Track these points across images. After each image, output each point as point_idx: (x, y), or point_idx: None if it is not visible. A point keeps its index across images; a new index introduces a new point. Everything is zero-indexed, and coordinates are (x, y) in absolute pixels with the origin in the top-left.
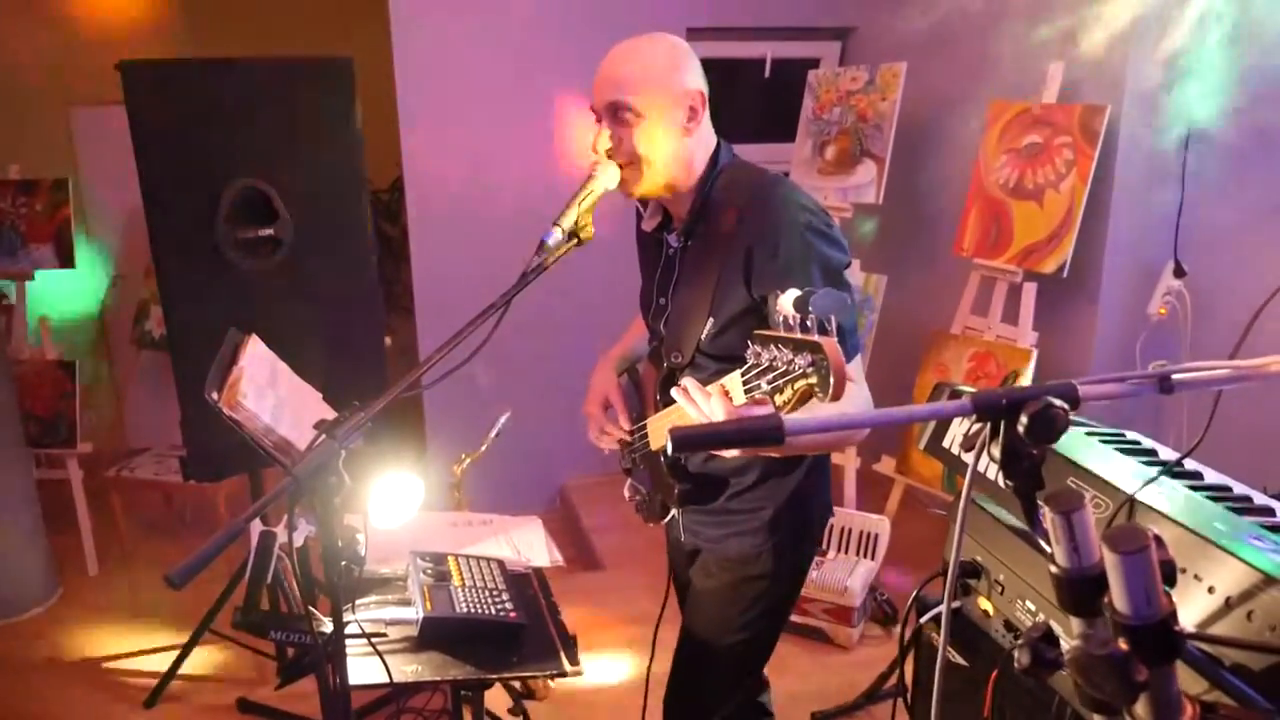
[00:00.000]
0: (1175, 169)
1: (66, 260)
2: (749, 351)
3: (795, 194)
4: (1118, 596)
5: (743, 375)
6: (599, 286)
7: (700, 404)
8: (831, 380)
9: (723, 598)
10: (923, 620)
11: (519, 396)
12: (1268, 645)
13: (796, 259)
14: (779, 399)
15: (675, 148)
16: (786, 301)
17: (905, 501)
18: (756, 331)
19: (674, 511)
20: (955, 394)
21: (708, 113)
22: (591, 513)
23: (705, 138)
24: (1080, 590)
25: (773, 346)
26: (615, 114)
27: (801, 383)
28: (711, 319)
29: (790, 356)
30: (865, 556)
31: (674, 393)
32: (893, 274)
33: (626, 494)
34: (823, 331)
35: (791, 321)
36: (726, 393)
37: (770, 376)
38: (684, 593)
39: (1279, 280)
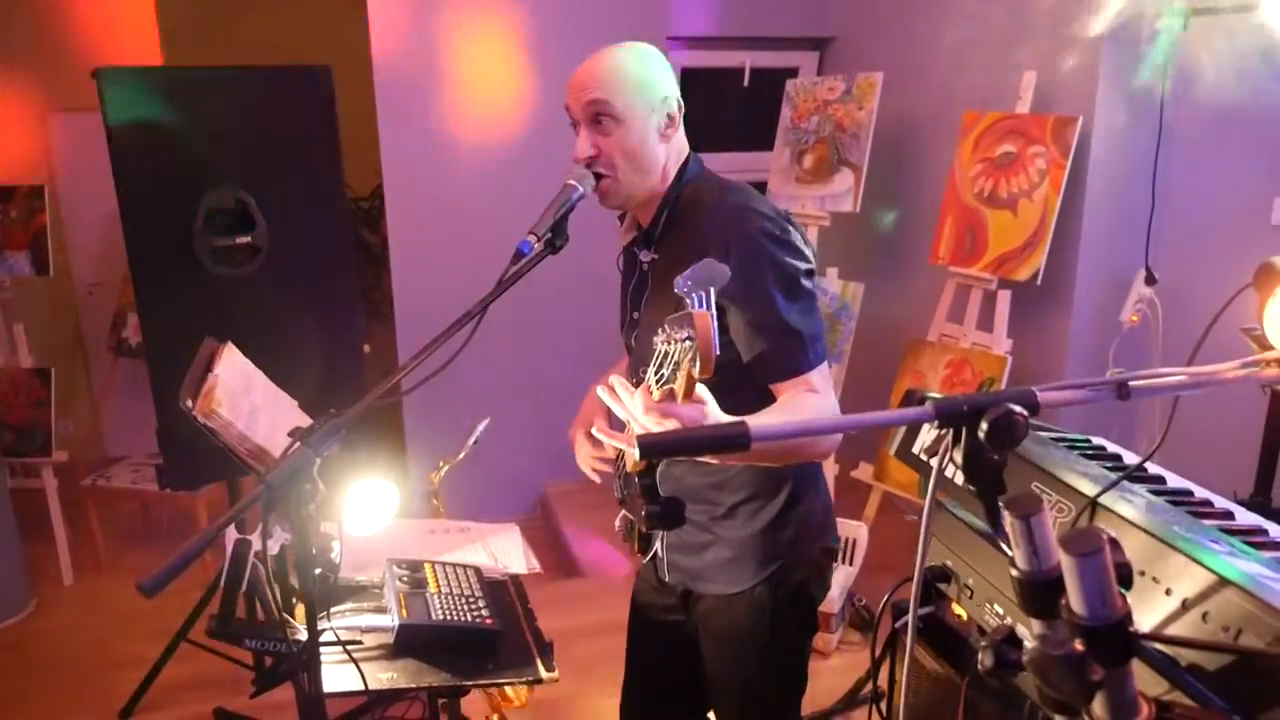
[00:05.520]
0: (1146, 178)
1: (42, 268)
2: (655, 339)
3: (751, 200)
4: (1074, 598)
5: (654, 367)
6: (577, 294)
7: (625, 402)
8: (698, 356)
9: (730, 643)
10: (896, 625)
11: (498, 403)
12: (1221, 645)
13: (750, 265)
14: (675, 386)
15: (651, 154)
16: (680, 279)
17: (883, 508)
18: (668, 317)
19: (657, 547)
20: (922, 400)
21: (682, 125)
22: (570, 520)
23: (679, 149)
24: (1039, 592)
25: (665, 329)
26: (594, 118)
27: (685, 363)
28: None
29: (679, 334)
30: (844, 562)
31: (599, 391)
32: (870, 282)
33: (617, 524)
34: (705, 304)
35: (686, 300)
36: (648, 389)
37: (668, 363)
38: (657, 642)
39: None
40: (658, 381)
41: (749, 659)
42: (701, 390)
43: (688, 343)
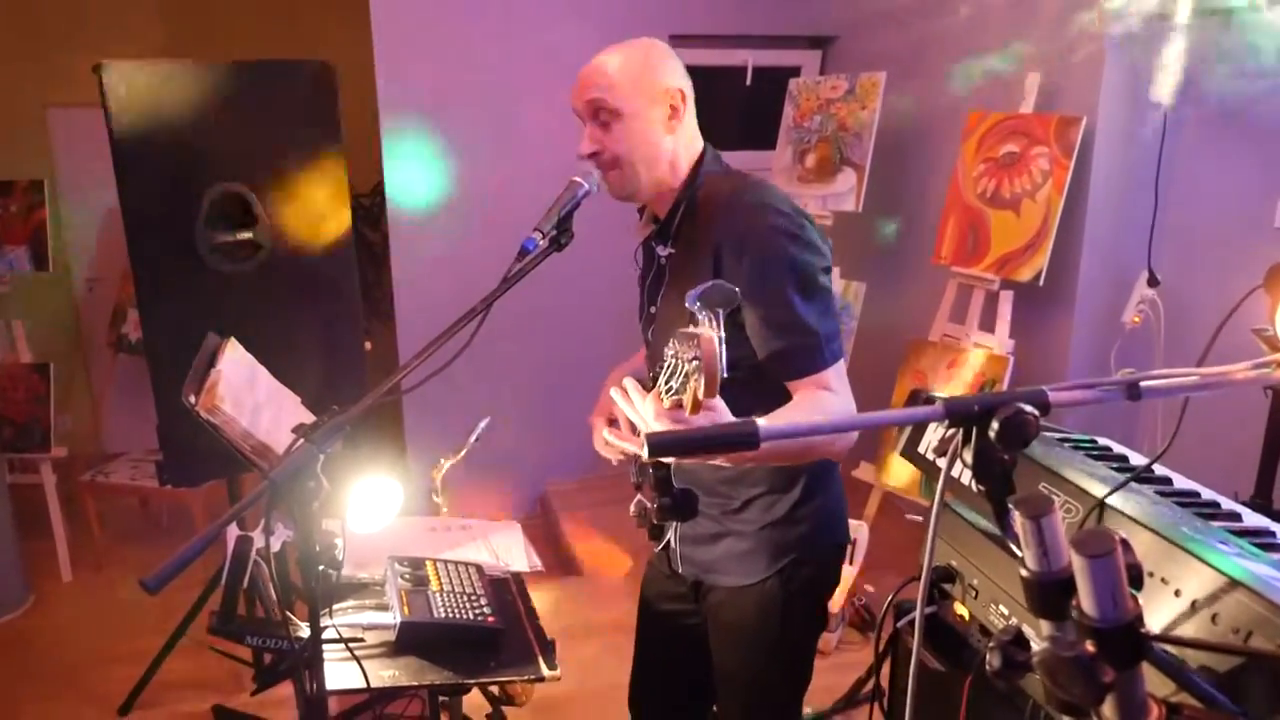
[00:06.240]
0: (1149, 180)
1: (42, 263)
2: (666, 350)
3: (768, 196)
4: (1085, 599)
5: (664, 376)
6: (580, 292)
7: (637, 405)
8: (704, 378)
9: (738, 635)
10: (899, 625)
11: (499, 401)
12: (1231, 647)
13: (766, 263)
14: (684, 398)
15: (656, 146)
16: (690, 295)
17: (884, 507)
18: (679, 330)
19: (669, 537)
20: (929, 400)
21: (691, 115)
22: (571, 518)
23: (688, 139)
24: (1049, 593)
25: (675, 343)
26: (595, 115)
27: (692, 380)
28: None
29: (686, 353)
30: (844, 562)
31: (612, 393)
32: (872, 281)
33: (632, 510)
34: (713, 325)
35: (696, 316)
36: (659, 395)
37: (677, 375)
38: (664, 632)
39: (1249, 290)
40: (667, 391)
41: (757, 652)
42: (714, 398)
43: (695, 362)
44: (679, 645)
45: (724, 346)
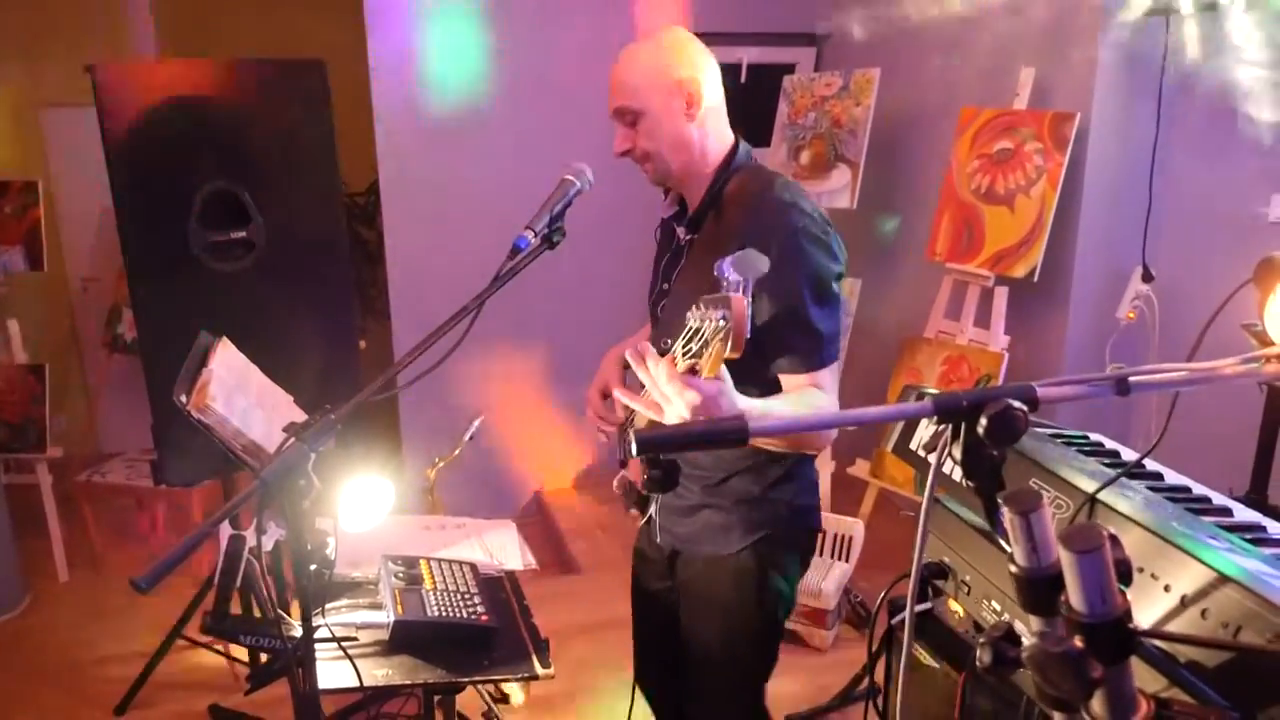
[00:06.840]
0: (1144, 175)
1: (36, 263)
2: (688, 315)
3: (797, 198)
4: (1074, 595)
5: (682, 340)
6: (574, 289)
7: (650, 368)
8: (732, 336)
9: (711, 606)
10: (893, 622)
11: (494, 400)
12: (1221, 642)
13: (786, 262)
14: (703, 361)
15: (680, 134)
16: (724, 262)
17: (879, 504)
18: (704, 296)
19: (652, 510)
20: (920, 396)
21: (716, 99)
22: (566, 516)
23: (716, 129)
24: (1039, 589)
25: (699, 306)
26: (622, 118)
27: (716, 341)
28: None
29: (712, 315)
30: (840, 559)
31: (627, 354)
32: (867, 278)
33: (615, 484)
34: (742, 290)
35: (723, 283)
36: (673, 359)
37: (698, 339)
38: (653, 610)
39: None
40: (684, 354)
41: (731, 628)
42: (721, 369)
43: (722, 322)
44: (664, 620)
45: (751, 310)
